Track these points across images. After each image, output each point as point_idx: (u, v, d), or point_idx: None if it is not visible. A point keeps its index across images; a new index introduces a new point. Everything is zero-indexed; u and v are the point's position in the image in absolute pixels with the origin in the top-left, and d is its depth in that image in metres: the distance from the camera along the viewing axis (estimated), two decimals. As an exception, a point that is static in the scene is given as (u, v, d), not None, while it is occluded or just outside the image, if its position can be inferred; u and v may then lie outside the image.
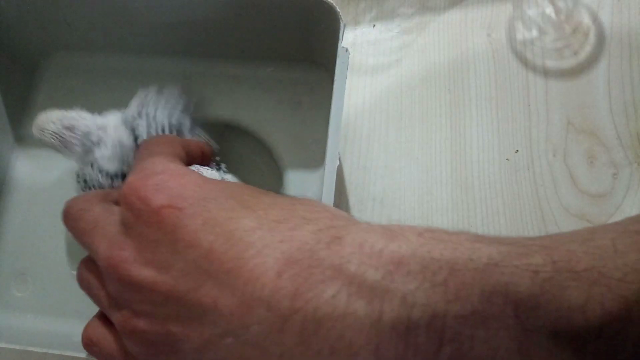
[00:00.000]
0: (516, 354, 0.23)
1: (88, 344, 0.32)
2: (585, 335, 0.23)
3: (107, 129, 0.40)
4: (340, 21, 0.38)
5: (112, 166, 0.39)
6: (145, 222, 0.28)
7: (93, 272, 0.32)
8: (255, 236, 0.26)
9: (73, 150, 0.39)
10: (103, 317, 0.32)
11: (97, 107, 0.41)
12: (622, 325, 0.22)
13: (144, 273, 0.27)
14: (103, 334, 0.31)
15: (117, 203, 0.33)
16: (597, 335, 0.22)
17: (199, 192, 0.28)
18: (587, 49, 0.51)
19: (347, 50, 0.37)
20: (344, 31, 0.38)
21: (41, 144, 0.48)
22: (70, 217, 0.34)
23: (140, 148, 0.37)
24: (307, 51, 0.46)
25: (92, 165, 0.40)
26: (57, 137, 0.39)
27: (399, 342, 0.23)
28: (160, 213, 0.27)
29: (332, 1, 0.39)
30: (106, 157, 0.39)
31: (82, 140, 0.39)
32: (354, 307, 0.24)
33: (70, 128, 0.39)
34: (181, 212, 0.27)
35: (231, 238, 0.26)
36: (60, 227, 0.38)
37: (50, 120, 0.39)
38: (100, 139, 0.40)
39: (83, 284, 0.33)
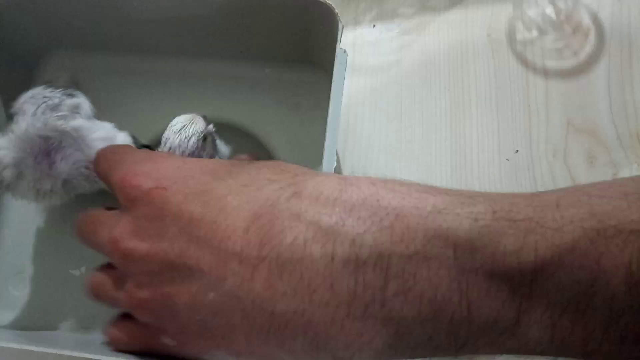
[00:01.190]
0: (456, 291, 0.25)
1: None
2: (520, 277, 0.25)
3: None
4: (339, 22, 0.38)
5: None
6: (139, 204, 0.32)
7: (105, 274, 0.35)
8: (226, 201, 0.30)
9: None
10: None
11: (96, 106, 0.41)
12: (554, 271, 0.25)
13: (142, 246, 0.31)
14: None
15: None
16: (531, 278, 0.25)
17: (179, 172, 0.33)
18: (587, 49, 0.51)
19: (345, 51, 0.37)
20: (342, 32, 0.38)
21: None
22: (78, 229, 0.38)
23: (105, 154, 0.39)
24: (305, 52, 0.46)
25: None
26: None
27: (349, 279, 0.26)
28: (149, 194, 0.32)
29: (330, 2, 0.38)
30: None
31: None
32: (310, 251, 0.27)
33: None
34: (166, 190, 0.31)
35: (206, 206, 0.30)
36: (58, 227, 0.38)
37: None
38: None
39: (94, 290, 0.36)
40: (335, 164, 0.34)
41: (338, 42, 0.37)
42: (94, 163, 0.39)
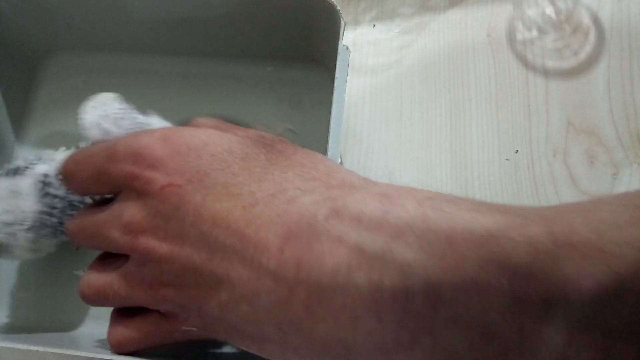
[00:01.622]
0: (509, 318, 0.24)
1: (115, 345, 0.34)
2: (578, 305, 0.23)
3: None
4: (341, 19, 0.38)
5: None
6: (149, 200, 0.30)
7: (107, 275, 0.33)
8: (254, 212, 0.28)
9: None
10: (121, 320, 0.34)
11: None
12: (614, 299, 0.23)
13: (162, 248, 0.30)
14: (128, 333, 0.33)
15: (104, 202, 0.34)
16: (590, 306, 0.23)
17: (191, 165, 0.30)
18: (587, 49, 0.51)
19: (347, 48, 0.37)
20: (344, 29, 0.38)
21: (42, 144, 0.48)
22: (76, 236, 0.35)
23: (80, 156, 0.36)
24: (307, 50, 0.46)
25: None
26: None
27: (397, 308, 0.25)
28: (163, 193, 0.30)
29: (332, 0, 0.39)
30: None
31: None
32: (354, 278, 0.25)
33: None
34: (181, 188, 0.30)
35: (230, 214, 0.28)
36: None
37: None
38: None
39: (100, 295, 0.34)
40: (340, 160, 0.34)
41: (340, 39, 0.37)
42: (66, 170, 0.35)
